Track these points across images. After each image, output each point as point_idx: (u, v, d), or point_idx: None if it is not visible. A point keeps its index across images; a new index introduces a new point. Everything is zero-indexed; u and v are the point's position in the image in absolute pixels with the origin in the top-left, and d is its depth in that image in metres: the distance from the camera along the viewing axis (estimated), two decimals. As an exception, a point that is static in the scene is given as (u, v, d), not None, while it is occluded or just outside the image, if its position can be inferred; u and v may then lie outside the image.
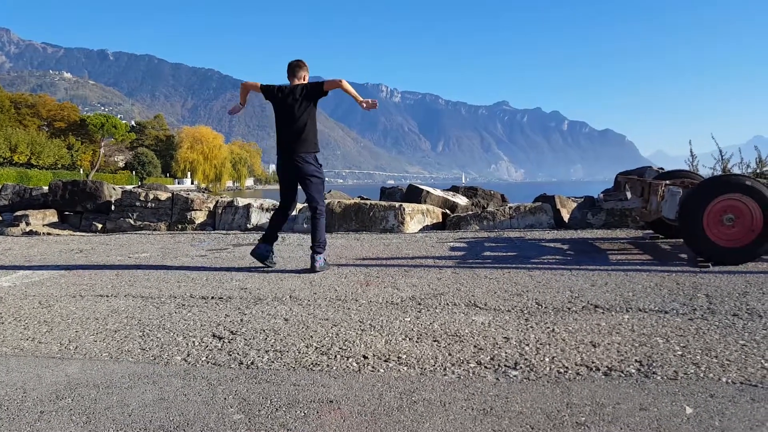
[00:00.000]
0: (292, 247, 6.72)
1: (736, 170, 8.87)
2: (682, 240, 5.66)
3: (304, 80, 5.27)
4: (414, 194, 9.56)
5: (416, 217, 8.33)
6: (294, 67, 5.24)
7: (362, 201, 9.05)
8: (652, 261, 5.07)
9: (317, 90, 5.07)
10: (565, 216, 8.36)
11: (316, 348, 2.84)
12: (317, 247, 5.00)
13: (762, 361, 2.46)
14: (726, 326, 2.98)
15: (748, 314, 3.18)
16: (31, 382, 2.48)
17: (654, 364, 2.46)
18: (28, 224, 9.49)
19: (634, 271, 4.56)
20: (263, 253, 5.19)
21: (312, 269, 4.95)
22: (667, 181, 5.44)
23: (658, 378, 2.32)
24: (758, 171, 8.76)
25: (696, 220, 4.72)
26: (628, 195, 6.21)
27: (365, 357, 2.69)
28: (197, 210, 9.45)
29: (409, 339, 2.95)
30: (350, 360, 2.66)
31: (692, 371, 2.37)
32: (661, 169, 7.68)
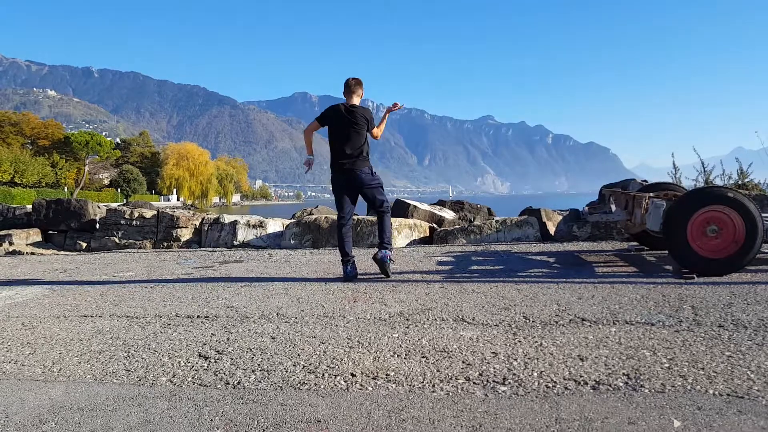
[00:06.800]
0: (279, 263, 6.68)
1: (718, 182, 9.00)
2: (666, 252, 5.71)
3: (360, 97, 5.54)
4: (401, 209, 9.58)
5: (403, 232, 8.34)
6: (352, 85, 5.48)
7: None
8: (637, 273, 5.11)
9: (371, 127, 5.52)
10: (551, 229, 8.40)
11: (304, 366, 2.82)
12: (386, 243, 5.26)
13: (748, 372, 2.48)
14: (712, 338, 3.00)
15: (733, 325, 3.21)
16: (14, 406, 2.44)
17: (641, 377, 2.46)
18: (11, 244, 9.38)
19: (620, 283, 4.58)
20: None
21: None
22: (651, 194, 5.49)
23: (646, 391, 2.32)
24: (740, 182, 8.89)
25: (680, 232, 4.76)
26: (613, 208, 6.26)
27: (353, 375, 2.67)
28: (183, 227, 9.39)
29: (398, 356, 2.93)
30: (338, 378, 2.64)
31: (679, 384, 2.38)
32: (645, 181, 7.76)
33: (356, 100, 5.49)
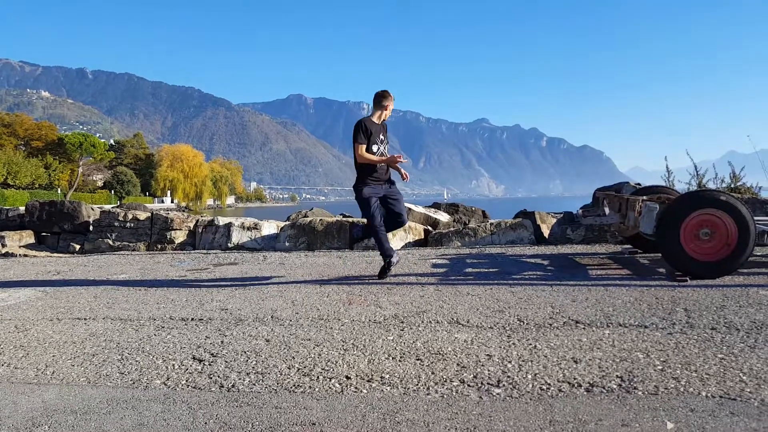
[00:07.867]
0: (273, 265, 6.68)
1: (711, 185, 9.04)
2: (660, 255, 5.74)
3: (387, 110, 5.53)
4: (396, 211, 9.56)
5: (398, 234, 8.34)
6: (380, 98, 5.46)
7: (344, 218, 9.05)
8: (631, 276, 5.13)
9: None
10: (546, 231, 8.43)
11: (298, 369, 2.82)
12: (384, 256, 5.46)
13: (740, 374, 2.49)
14: (705, 340, 3.02)
15: (726, 328, 3.23)
16: (7, 409, 2.43)
17: (635, 380, 2.48)
18: (4, 246, 9.33)
19: (613, 286, 4.60)
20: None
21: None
22: (644, 197, 5.52)
23: (639, 393, 2.33)
24: (732, 186, 8.94)
25: (673, 235, 4.79)
26: (607, 211, 6.28)
27: (348, 377, 2.67)
28: (177, 229, 9.37)
29: (392, 358, 2.94)
30: (333, 381, 2.64)
31: (672, 386, 2.39)
32: (638, 184, 7.79)
33: (376, 114, 5.46)
